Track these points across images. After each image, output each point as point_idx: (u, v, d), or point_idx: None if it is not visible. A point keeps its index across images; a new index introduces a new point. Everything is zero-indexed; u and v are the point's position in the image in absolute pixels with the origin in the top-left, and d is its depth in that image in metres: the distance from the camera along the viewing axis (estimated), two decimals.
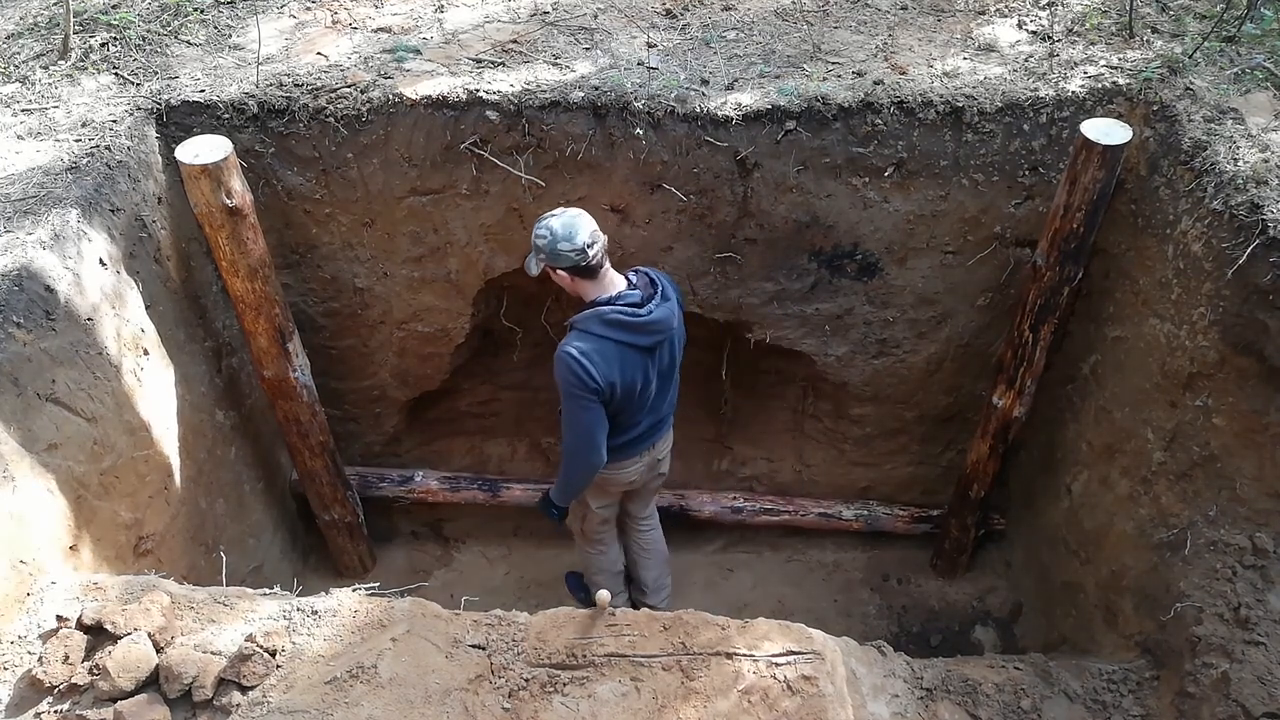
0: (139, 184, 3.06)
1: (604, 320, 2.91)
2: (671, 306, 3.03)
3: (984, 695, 2.67)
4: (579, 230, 2.85)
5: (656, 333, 2.98)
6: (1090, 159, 2.87)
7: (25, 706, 2.21)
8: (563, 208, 2.95)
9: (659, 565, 3.96)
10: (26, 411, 2.51)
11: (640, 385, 3.04)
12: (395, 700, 2.24)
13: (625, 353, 2.94)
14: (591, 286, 2.97)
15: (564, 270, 2.93)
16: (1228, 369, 2.71)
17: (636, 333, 2.94)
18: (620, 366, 2.94)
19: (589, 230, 2.87)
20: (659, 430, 3.37)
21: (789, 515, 4.22)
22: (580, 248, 2.84)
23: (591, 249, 2.87)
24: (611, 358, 2.91)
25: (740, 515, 4.23)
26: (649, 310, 2.95)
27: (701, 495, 4.27)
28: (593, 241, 2.87)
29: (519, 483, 4.27)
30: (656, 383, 3.14)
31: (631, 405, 3.09)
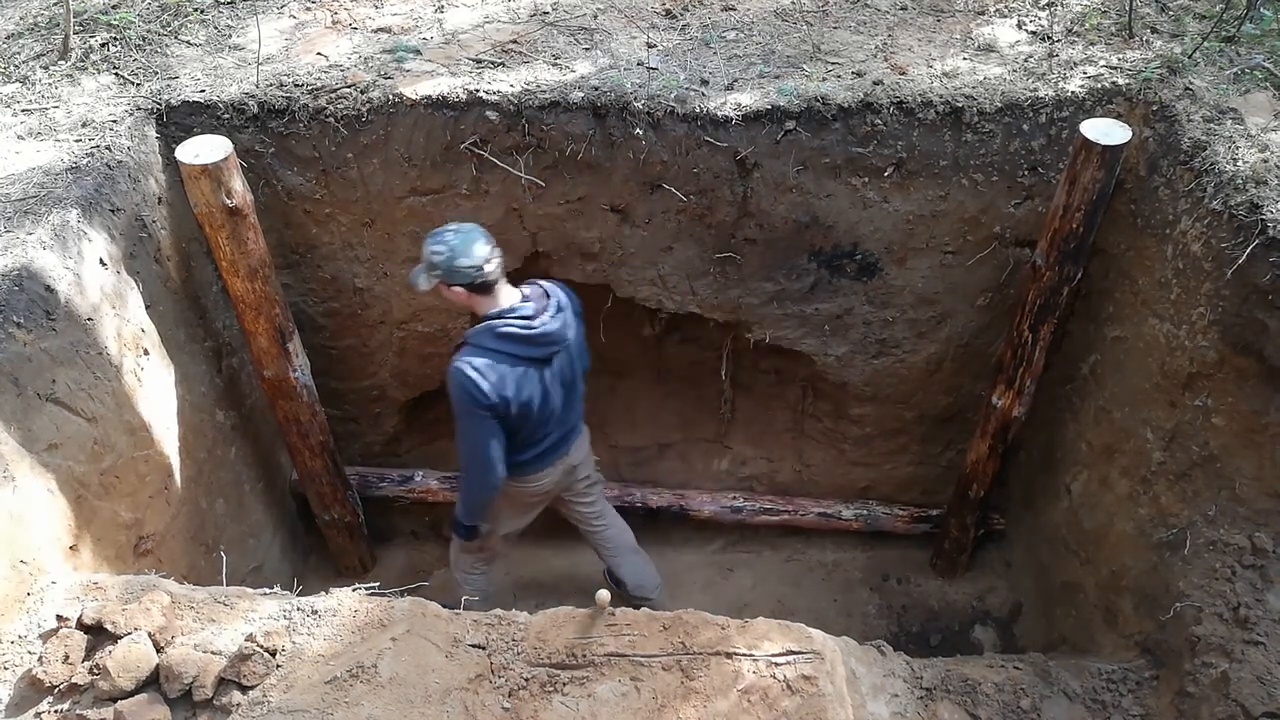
0: (139, 184, 3.06)
1: (496, 334, 2.87)
2: (566, 318, 3.00)
3: (984, 695, 2.67)
4: (477, 246, 2.80)
5: (549, 344, 2.95)
6: (1090, 159, 2.88)
7: (25, 706, 2.21)
8: (456, 223, 2.88)
9: (632, 557, 3.89)
10: (26, 411, 2.51)
11: (539, 398, 3.00)
12: (395, 700, 2.24)
13: (519, 366, 2.90)
14: (485, 301, 2.92)
15: (459, 286, 2.86)
16: (1227, 369, 2.71)
17: (529, 345, 2.91)
18: (514, 380, 2.89)
19: (487, 246, 2.82)
20: (569, 439, 3.33)
21: (789, 515, 4.22)
22: (478, 264, 2.79)
23: (489, 265, 2.82)
24: (505, 372, 2.87)
25: (740, 515, 4.23)
26: (541, 323, 2.92)
27: (701, 495, 4.27)
28: (490, 257, 2.82)
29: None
30: (559, 394, 3.10)
31: (533, 419, 3.03)
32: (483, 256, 2.81)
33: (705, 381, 4.21)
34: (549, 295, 3.03)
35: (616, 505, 4.22)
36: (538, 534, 4.49)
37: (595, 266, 3.60)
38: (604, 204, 3.39)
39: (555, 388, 3.07)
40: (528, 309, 2.94)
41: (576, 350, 3.14)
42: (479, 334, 2.91)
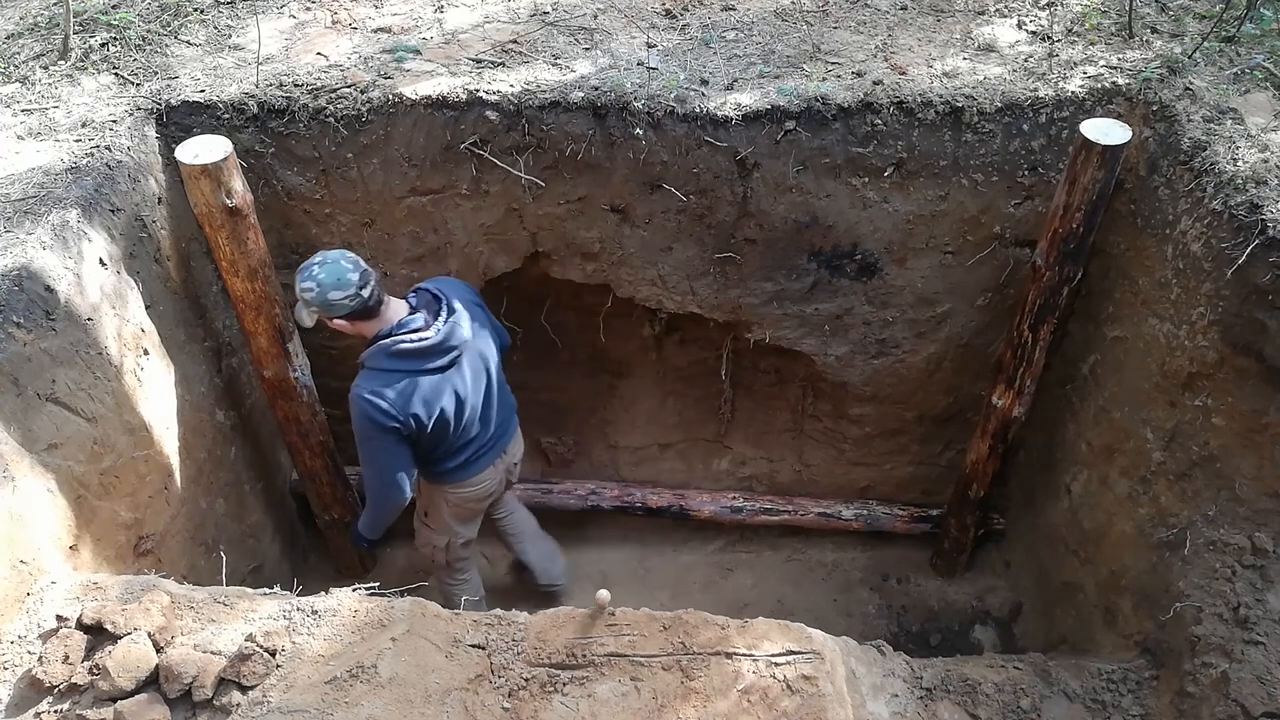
0: (139, 184, 3.06)
1: (390, 353, 2.79)
2: (459, 318, 2.90)
3: (983, 695, 2.67)
4: (347, 273, 2.70)
5: (448, 351, 2.86)
6: (1090, 159, 2.87)
7: (25, 706, 2.21)
8: (322, 252, 2.79)
9: (538, 543, 3.86)
10: (26, 411, 2.51)
11: (454, 406, 2.92)
12: (395, 700, 2.24)
13: (423, 381, 2.82)
14: (371, 325, 2.83)
15: (340, 319, 2.78)
16: (1227, 369, 2.71)
17: (427, 357, 2.82)
18: (421, 396, 2.81)
19: (358, 270, 2.72)
20: (504, 436, 3.27)
21: (788, 515, 4.23)
22: (352, 292, 2.70)
23: (366, 289, 2.72)
24: (408, 390, 2.78)
25: (740, 515, 4.23)
26: (436, 330, 2.82)
27: (701, 495, 4.27)
28: (364, 281, 2.72)
29: (519, 483, 4.27)
30: (476, 395, 3.02)
31: (453, 428, 2.97)
32: (355, 283, 2.70)
33: (705, 381, 4.21)
34: (438, 299, 2.92)
35: (617, 505, 4.23)
36: None
37: (595, 266, 3.60)
38: (604, 204, 3.39)
39: (470, 389, 2.99)
40: (418, 320, 2.84)
41: (485, 341, 3.04)
42: (373, 356, 2.82)
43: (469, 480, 3.22)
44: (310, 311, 2.79)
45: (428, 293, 2.97)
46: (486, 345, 3.07)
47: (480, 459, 3.20)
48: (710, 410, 4.31)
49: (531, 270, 3.67)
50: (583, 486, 4.26)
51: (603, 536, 4.51)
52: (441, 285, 3.01)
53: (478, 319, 3.03)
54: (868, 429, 4.10)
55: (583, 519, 4.45)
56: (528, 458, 4.53)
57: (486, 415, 3.13)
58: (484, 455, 3.21)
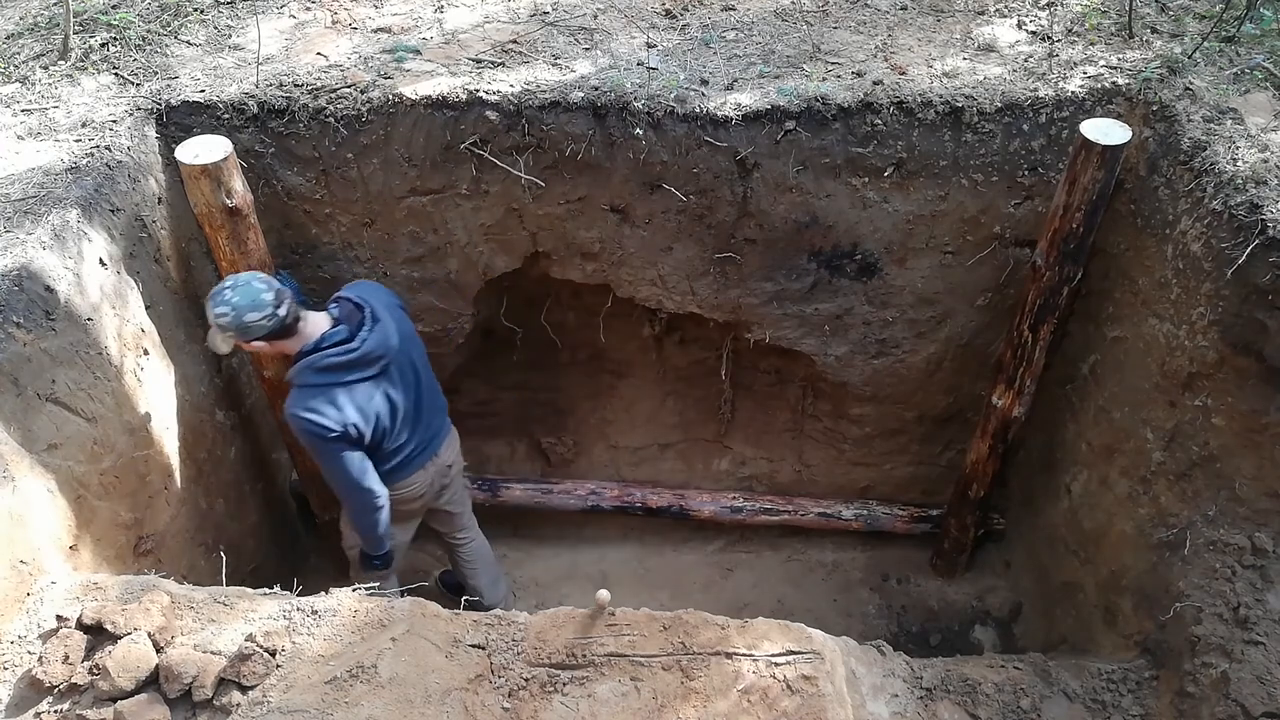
0: (139, 184, 3.06)
1: (317, 369, 2.77)
2: (385, 326, 2.88)
3: (983, 695, 2.67)
4: (261, 294, 2.66)
5: (377, 359, 2.84)
6: (1090, 159, 2.88)
7: (25, 706, 2.21)
8: (231, 275, 2.77)
9: (489, 569, 3.84)
10: (26, 411, 2.51)
11: (386, 411, 2.92)
12: (395, 700, 2.24)
13: (353, 391, 2.81)
14: (292, 342, 2.79)
15: (258, 341, 2.74)
16: (1227, 369, 2.71)
17: (355, 368, 2.80)
18: (354, 407, 2.81)
19: (271, 290, 2.69)
20: (437, 438, 3.27)
21: (788, 515, 4.23)
22: (269, 312, 2.67)
23: (281, 308, 2.68)
24: (341, 402, 2.78)
25: (740, 515, 4.23)
26: (360, 341, 2.79)
27: (701, 495, 4.27)
28: (280, 299, 2.68)
29: (519, 483, 4.28)
30: (407, 399, 3.01)
31: (386, 433, 2.97)
32: (270, 303, 2.66)
33: (705, 381, 4.21)
34: (361, 307, 2.88)
35: (617, 505, 4.22)
36: (537, 534, 4.51)
37: (595, 266, 3.60)
38: (604, 204, 3.39)
39: (400, 394, 2.98)
40: (342, 332, 2.81)
41: (413, 345, 3.05)
42: (301, 373, 2.79)
43: (400, 484, 3.19)
44: (226, 337, 2.73)
45: (349, 302, 2.91)
46: (414, 349, 3.08)
47: (411, 462, 3.18)
48: (710, 410, 4.31)
49: (531, 270, 3.67)
50: (583, 486, 4.26)
51: (603, 536, 4.51)
52: (363, 292, 2.96)
53: (402, 324, 3.01)
54: (868, 429, 4.10)
55: (583, 519, 4.45)
56: (527, 457, 4.56)
57: (417, 419, 3.12)
58: (415, 459, 3.19)
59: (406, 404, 3.03)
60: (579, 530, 4.53)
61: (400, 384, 2.99)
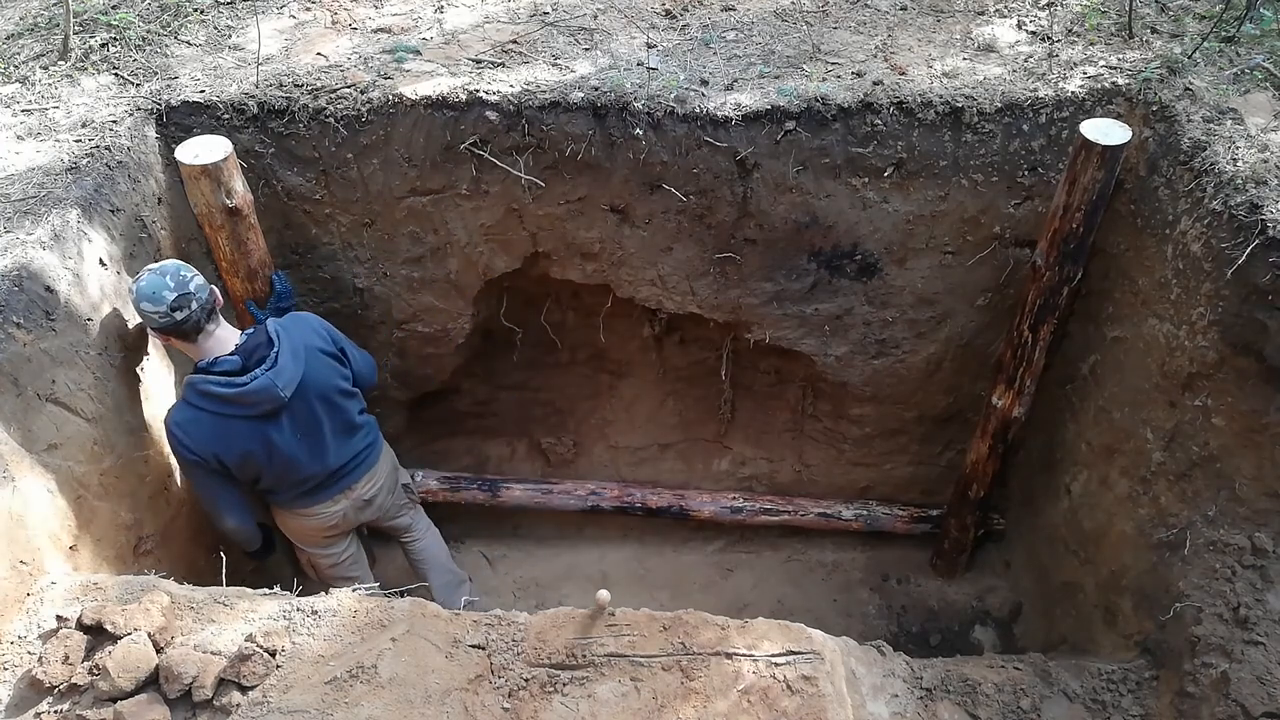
0: (139, 184, 3.06)
1: (196, 390, 2.71)
2: (283, 372, 2.74)
3: (983, 695, 2.67)
4: (163, 290, 2.59)
5: (258, 403, 2.72)
6: (1090, 159, 2.88)
7: (25, 706, 2.21)
8: (162, 261, 2.71)
9: (441, 568, 3.78)
10: (26, 412, 2.51)
11: (263, 454, 2.82)
12: (395, 700, 2.24)
13: (227, 424, 2.72)
14: (190, 349, 2.74)
15: (154, 330, 2.69)
16: (1227, 369, 2.71)
17: (233, 404, 2.70)
18: (222, 438, 2.73)
19: (180, 291, 2.59)
20: (351, 475, 3.15)
21: (788, 515, 4.23)
22: (164, 310, 2.59)
23: (180, 312, 2.60)
24: (208, 429, 2.71)
25: (740, 515, 4.23)
26: (248, 379, 2.68)
27: (701, 495, 4.27)
28: (181, 304, 2.59)
29: (519, 483, 4.27)
30: (298, 446, 2.89)
31: (268, 469, 2.89)
32: (167, 301, 2.58)
33: (705, 381, 4.21)
34: (273, 342, 2.76)
35: (617, 505, 4.22)
36: (537, 534, 4.51)
37: (595, 266, 3.60)
38: (604, 204, 3.39)
39: (289, 439, 2.86)
40: (233, 362, 2.71)
41: (322, 388, 2.89)
42: (187, 386, 2.74)
43: (303, 510, 3.15)
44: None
45: (265, 333, 2.80)
46: (324, 392, 2.91)
47: (316, 494, 3.11)
48: (710, 410, 4.31)
49: (531, 270, 3.67)
50: (583, 487, 4.26)
51: (603, 536, 4.51)
52: (285, 326, 2.84)
53: (313, 369, 2.86)
54: (868, 429, 4.10)
55: (583, 519, 4.45)
56: (527, 457, 4.55)
57: (318, 457, 3.00)
58: (321, 491, 3.11)
59: (296, 450, 2.91)
60: (579, 530, 4.53)
61: (291, 428, 2.86)
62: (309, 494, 3.11)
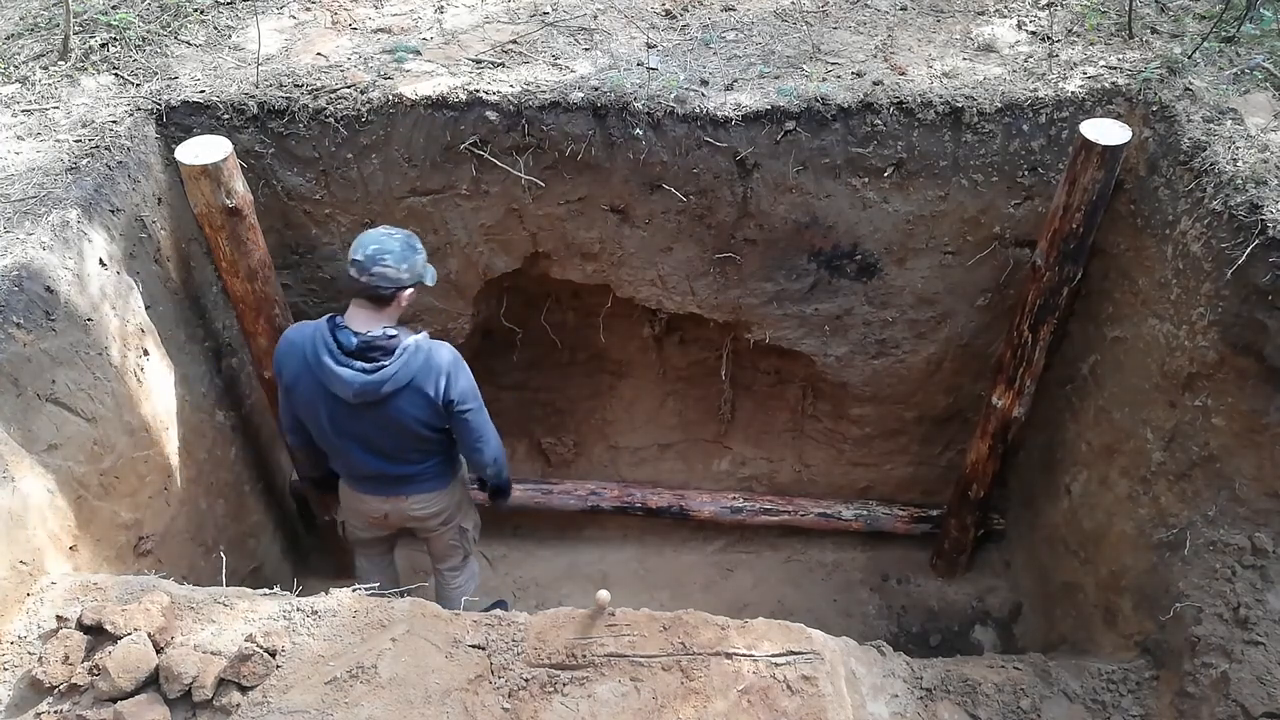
0: (139, 184, 3.06)
1: (319, 328, 2.79)
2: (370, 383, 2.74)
3: (983, 695, 2.67)
4: (361, 246, 2.70)
5: (327, 382, 2.78)
6: (1090, 159, 2.88)
7: (25, 707, 2.21)
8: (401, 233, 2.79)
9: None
10: (26, 412, 2.51)
11: (313, 410, 2.88)
12: (395, 700, 2.24)
13: (307, 366, 2.80)
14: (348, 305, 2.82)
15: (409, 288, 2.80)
16: (1227, 369, 2.71)
17: (316, 363, 2.77)
18: (295, 368, 2.84)
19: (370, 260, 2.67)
20: (385, 486, 3.12)
21: (789, 515, 4.22)
22: (353, 258, 2.70)
23: (354, 267, 2.69)
24: (295, 357, 2.82)
25: (740, 515, 4.23)
26: (339, 364, 2.74)
27: (701, 495, 4.27)
28: (357, 267, 2.68)
29: (519, 483, 4.25)
30: (347, 434, 2.91)
31: (306, 420, 2.97)
32: (356, 256, 2.69)
33: (705, 382, 4.21)
34: (403, 352, 2.76)
35: (617, 506, 4.23)
36: (537, 534, 4.51)
37: (595, 266, 3.60)
38: (604, 204, 3.39)
39: (340, 419, 2.88)
40: (349, 340, 2.75)
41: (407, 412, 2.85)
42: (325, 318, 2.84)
43: (342, 480, 3.24)
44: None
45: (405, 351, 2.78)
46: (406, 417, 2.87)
47: (351, 479, 3.17)
48: (710, 411, 4.31)
49: (531, 270, 3.67)
50: (583, 487, 4.26)
51: (603, 536, 4.51)
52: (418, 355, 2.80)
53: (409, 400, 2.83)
54: (867, 429, 4.10)
55: (583, 519, 4.45)
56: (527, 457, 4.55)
57: (353, 459, 3.02)
58: (356, 480, 3.16)
59: (333, 432, 2.93)
60: (579, 530, 4.53)
61: (350, 418, 2.88)
62: (344, 473, 3.17)
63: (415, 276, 2.78)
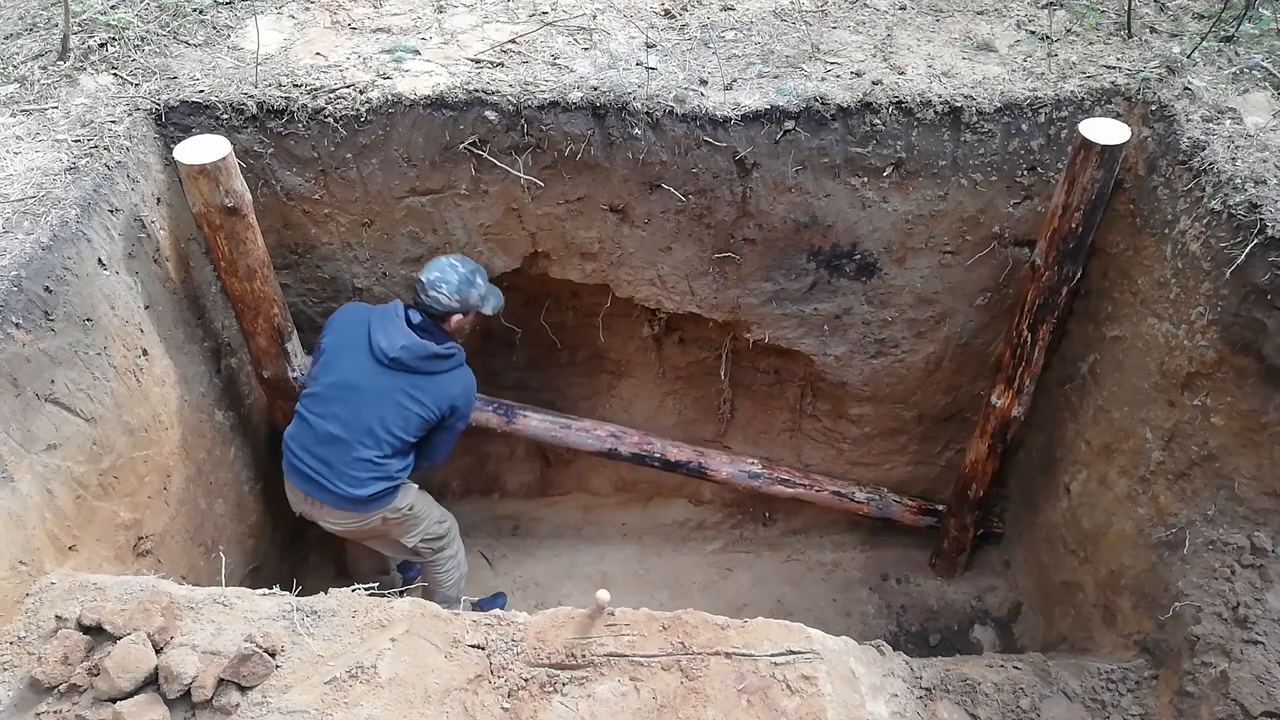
0: (138, 184, 3.06)
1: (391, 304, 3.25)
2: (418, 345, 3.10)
3: (983, 694, 2.67)
4: (429, 269, 3.17)
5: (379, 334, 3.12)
6: (1089, 159, 2.88)
7: (24, 707, 2.21)
8: (466, 266, 3.20)
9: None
10: (25, 412, 2.51)
11: (339, 357, 3.17)
12: (395, 700, 2.24)
13: (366, 324, 3.15)
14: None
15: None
16: (1226, 368, 2.71)
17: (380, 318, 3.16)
18: (351, 321, 3.22)
19: (434, 276, 3.13)
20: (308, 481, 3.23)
21: (804, 489, 4.11)
22: (419, 278, 3.18)
23: (418, 284, 3.16)
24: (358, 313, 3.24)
25: (757, 482, 4.08)
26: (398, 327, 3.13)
27: (720, 456, 4.10)
28: (425, 288, 3.13)
29: (536, 413, 3.99)
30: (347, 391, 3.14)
31: (325, 358, 3.21)
32: (422, 280, 3.15)
33: (704, 381, 4.21)
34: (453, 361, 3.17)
35: (635, 453, 4.02)
36: (537, 533, 4.51)
37: (595, 266, 3.60)
38: (603, 204, 3.39)
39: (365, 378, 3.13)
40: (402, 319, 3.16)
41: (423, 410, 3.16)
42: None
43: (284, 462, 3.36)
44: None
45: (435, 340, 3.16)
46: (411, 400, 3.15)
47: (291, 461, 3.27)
48: (710, 410, 4.31)
49: (531, 270, 3.67)
50: (602, 428, 4.03)
51: (602, 536, 4.52)
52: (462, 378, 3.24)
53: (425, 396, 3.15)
54: (867, 429, 4.10)
55: (582, 519, 4.45)
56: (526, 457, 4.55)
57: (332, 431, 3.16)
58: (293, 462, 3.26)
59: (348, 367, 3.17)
60: (578, 530, 4.53)
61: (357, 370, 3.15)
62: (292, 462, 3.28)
63: (467, 306, 3.17)
